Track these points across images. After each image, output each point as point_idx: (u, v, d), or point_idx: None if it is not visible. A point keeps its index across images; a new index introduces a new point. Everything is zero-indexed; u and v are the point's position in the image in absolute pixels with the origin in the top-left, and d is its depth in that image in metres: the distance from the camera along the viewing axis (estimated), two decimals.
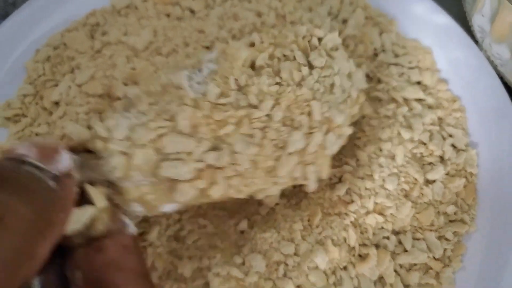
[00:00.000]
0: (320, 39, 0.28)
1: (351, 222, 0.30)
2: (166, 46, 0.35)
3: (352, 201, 0.30)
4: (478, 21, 0.34)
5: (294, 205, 0.31)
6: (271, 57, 0.25)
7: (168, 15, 0.38)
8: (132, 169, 0.21)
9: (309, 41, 0.27)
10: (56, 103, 0.34)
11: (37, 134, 0.33)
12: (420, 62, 0.36)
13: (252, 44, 0.26)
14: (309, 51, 0.26)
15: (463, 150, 0.33)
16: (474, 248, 0.30)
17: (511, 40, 0.31)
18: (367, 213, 0.30)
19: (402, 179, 0.31)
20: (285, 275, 0.28)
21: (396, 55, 0.37)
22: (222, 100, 0.22)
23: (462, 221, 0.31)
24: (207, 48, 0.35)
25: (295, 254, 0.28)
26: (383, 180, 0.31)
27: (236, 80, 0.23)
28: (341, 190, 0.30)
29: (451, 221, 0.31)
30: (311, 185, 0.25)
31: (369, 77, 0.36)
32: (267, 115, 0.23)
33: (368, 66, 0.36)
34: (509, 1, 0.27)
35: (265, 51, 0.25)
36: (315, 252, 0.28)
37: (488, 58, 0.35)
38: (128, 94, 0.24)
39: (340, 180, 0.32)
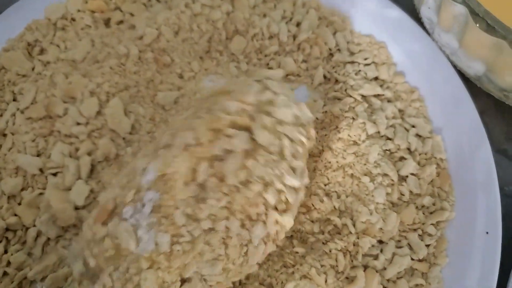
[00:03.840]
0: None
1: (341, 249, 0.29)
2: (102, 52, 0.34)
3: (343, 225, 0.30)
4: (426, 13, 0.35)
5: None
6: (211, 160, 0.23)
7: (107, 23, 0.37)
8: None
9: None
10: (3, 135, 0.33)
11: None
12: (376, 58, 0.36)
13: (187, 146, 0.23)
14: (251, 127, 0.24)
15: (428, 138, 0.33)
16: (456, 239, 0.30)
17: (456, 30, 0.31)
18: (358, 237, 0.29)
19: (385, 182, 0.31)
20: None
21: (352, 53, 0.37)
22: (176, 246, 0.22)
23: (443, 208, 0.31)
24: (140, 39, 0.34)
25: None
26: (372, 195, 0.30)
27: (182, 212, 0.22)
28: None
29: (431, 213, 0.31)
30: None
31: (326, 78, 0.36)
32: (225, 229, 0.23)
33: (324, 67, 0.36)
34: None
35: (202, 158, 0.22)
36: (304, 287, 0.28)
37: (440, 48, 0.35)
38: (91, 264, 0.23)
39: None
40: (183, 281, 0.22)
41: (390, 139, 0.33)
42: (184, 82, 0.35)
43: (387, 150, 0.32)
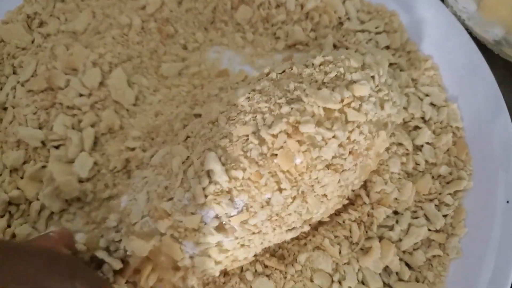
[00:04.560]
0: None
1: (355, 219, 0.28)
2: (104, 23, 0.33)
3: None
4: None
5: None
6: None
7: None
8: None
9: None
10: (4, 108, 0.32)
11: None
12: (387, 26, 0.35)
13: None
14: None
15: (443, 106, 0.32)
16: (475, 209, 0.29)
17: None
18: (373, 208, 0.28)
19: (400, 151, 0.30)
20: None
21: (362, 22, 0.36)
22: None
23: (460, 178, 0.30)
24: (142, 9, 0.33)
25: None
26: (386, 165, 0.29)
27: None
28: None
29: (448, 183, 0.30)
30: None
31: (336, 47, 0.35)
32: None
33: (334, 36, 0.35)
34: None
35: None
36: (317, 258, 0.27)
37: (455, 14, 0.34)
38: None
39: None
40: None
41: (404, 108, 0.32)
42: (188, 53, 0.34)
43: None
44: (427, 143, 0.31)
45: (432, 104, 0.32)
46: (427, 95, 0.32)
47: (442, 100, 0.32)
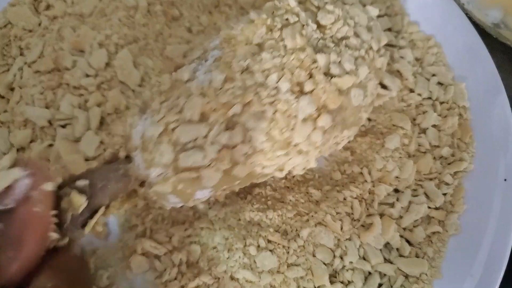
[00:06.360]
0: None
1: (356, 196, 0.29)
2: (110, 6, 0.33)
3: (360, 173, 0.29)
4: None
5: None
6: (270, 28, 0.24)
7: None
8: (153, 165, 0.22)
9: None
10: (11, 89, 0.32)
11: (2, 122, 0.31)
12: (388, 10, 0.36)
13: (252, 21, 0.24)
14: (315, 11, 0.25)
15: (450, 85, 0.32)
16: (474, 187, 0.30)
17: None
18: (374, 185, 0.29)
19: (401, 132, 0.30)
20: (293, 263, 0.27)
21: (364, 6, 0.36)
22: (228, 85, 0.22)
23: (461, 159, 0.30)
24: None
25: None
26: (383, 140, 0.30)
27: (239, 61, 0.23)
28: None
29: (449, 164, 0.31)
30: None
31: None
32: (275, 88, 0.22)
33: None
34: None
35: (261, 26, 0.24)
36: (319, 233, 0.27)
37: None
38: (143, 96, 0.25)
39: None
40: (227, 128, 0.22)
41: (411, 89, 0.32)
42: (193, 36, 0.34)
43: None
44: (433, 125, 0.31)
45: (439, 83, 0.33)
46: (433, 75, 0.33)
47: (449, 78, 0.33)
